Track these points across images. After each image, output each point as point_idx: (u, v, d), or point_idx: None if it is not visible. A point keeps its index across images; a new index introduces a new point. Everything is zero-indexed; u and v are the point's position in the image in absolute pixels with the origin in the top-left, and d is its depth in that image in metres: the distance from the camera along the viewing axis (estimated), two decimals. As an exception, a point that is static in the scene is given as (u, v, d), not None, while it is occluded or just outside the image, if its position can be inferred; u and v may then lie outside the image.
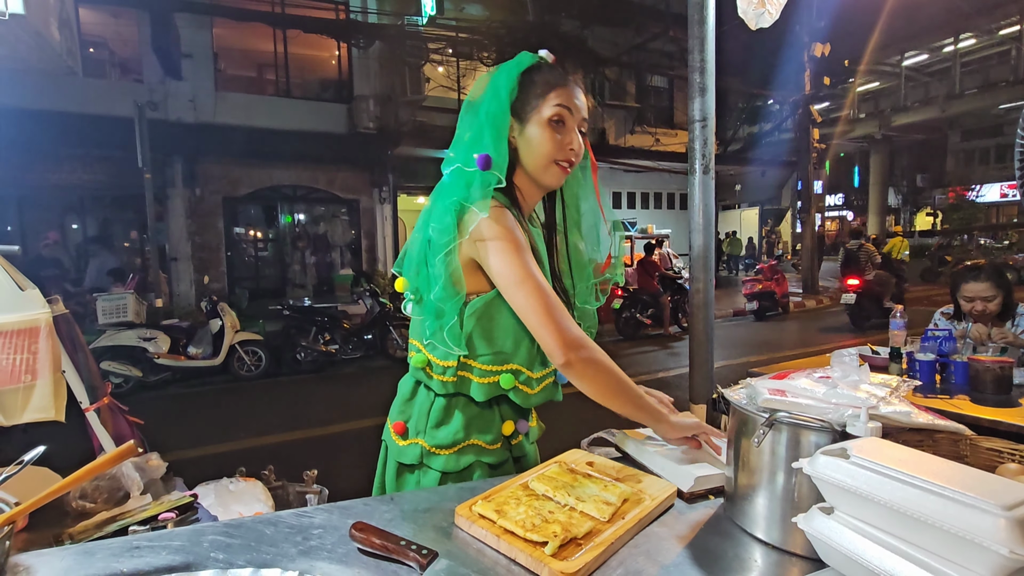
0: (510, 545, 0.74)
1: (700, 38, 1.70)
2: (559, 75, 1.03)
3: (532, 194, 1.09)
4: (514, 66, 1.04)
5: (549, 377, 1.08)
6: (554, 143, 1.01)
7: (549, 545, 0.72)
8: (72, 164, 9.06)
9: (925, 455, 0.57)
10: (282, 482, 1.84)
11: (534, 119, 1.01)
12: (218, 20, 9.84)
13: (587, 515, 0.81)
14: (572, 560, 0.70)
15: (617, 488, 0.89)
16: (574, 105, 1.02)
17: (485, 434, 1.05)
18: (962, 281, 2.34)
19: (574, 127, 1.02)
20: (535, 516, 0.79)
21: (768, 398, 0.82)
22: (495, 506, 0.81)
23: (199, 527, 0.80)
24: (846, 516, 0.57)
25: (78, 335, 1.49)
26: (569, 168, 1.03)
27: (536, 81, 1.02)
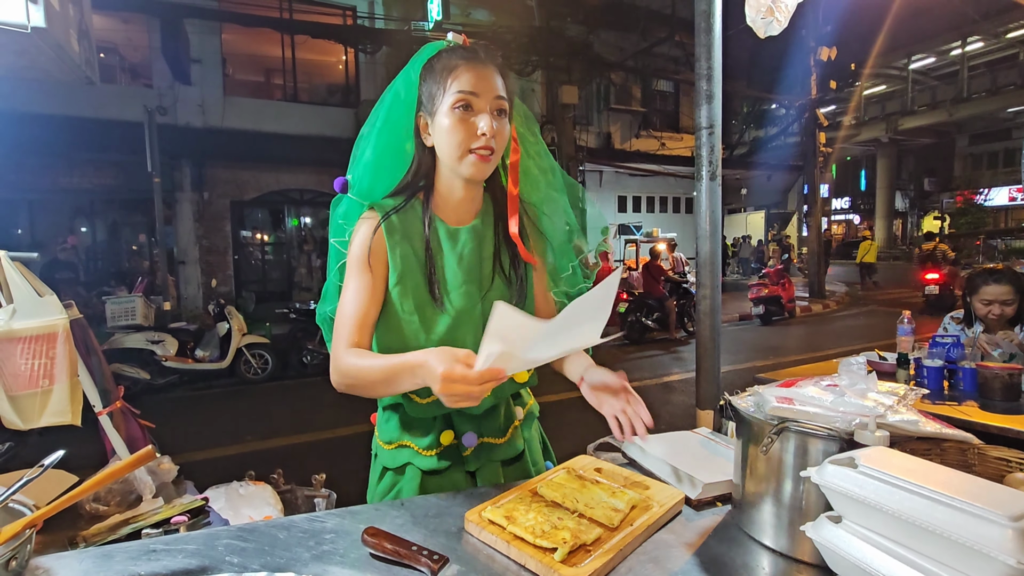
0: (520, 551, 0.74)
1: (707, 46, 1.70)
2: (462, 56, 0.94)
3: (457, 190, 1.01)
4: (416, 63, 1.00)
5: None
6: (460, 131, 0.93)
7: (558, 551, 0.73)
8: (83, 168, 9.16)
9: (933, 465, 0.58)
10: (291, 486, 1.85)
11: (439, 109, 0.94)
12: (227, 26, 9.93)
13: (596, 522, 0.82)
14: (582, 567, 0.71)
15: (625, 495, 0.90)
16: (481, 86, 0.92)
17: (420, 438, 1.03)
18: (982, 284, 2.32)
19: (485, 109, 0.93)
20: (544, 522, 0.80)
21: (776, 406, 0.83)
22: (505, 512, 0.82)
23: (213, 531, 0.81)
24: (854, 525, 0.58)
25: (92, 340, 1.51)
26: (489, 155, 0.94)
27: (435, 69, 0.96)
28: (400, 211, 0.99)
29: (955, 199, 25.81)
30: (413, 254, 0.98)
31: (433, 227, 1.01)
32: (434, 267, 0.99)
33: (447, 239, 1.01)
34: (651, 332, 8.29)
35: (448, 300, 0.99)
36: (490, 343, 0.73)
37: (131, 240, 10.91)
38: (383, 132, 1.03)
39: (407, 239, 0.99)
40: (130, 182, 9.04)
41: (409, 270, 0.98)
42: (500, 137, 0.95)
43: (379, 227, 0.97)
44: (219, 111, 9.79)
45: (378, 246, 0.96)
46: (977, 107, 21.67)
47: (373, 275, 0.95)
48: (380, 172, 1.05)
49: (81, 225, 10.52)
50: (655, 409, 1.08)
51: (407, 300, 0.98)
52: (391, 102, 1.02)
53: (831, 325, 9.60)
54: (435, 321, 0.98)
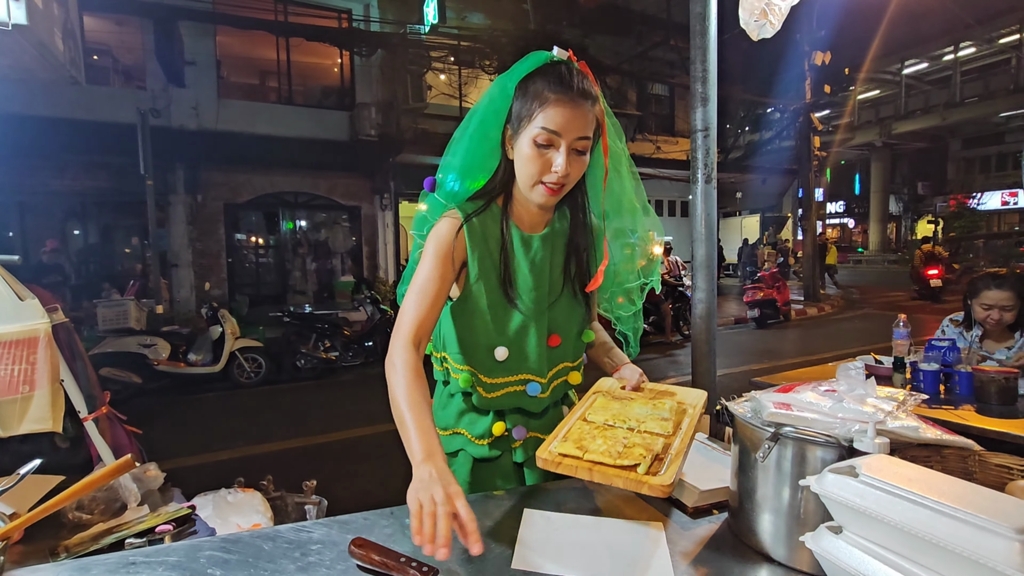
0: (604, 474, 0.81)
1: (702, 48, 1.70)
2: (554, 89, 0.94)
3: (528, 207, 1.07)
4: (515, 73, 1.00)
5: (510, 386, 1.08)
6: (536, 165, 0.97)
7: (641, 466, 0.80)
8: (75, 170, 9.09)
9: (935, 474, 0.56)
10: (281, 492, 1.82)
11: (523, 133, 0.97)
12: (221, 28, 9.90)
13: (654, 433, 0.90)
14: (663, 474, 0.80)
15: (664, 404, 1.00)
16: (566, 127, 0.94)
17: (474, 427, 1.10)
18: (984, 288, 2.30)
19: (563, 149, 0.95)
20: (616, 444, 0.86)
21: (773, 412, 0.81)
22: (575, 444, 0.88)
23: (196, 542, 0.79)
24: (855, 536, 0.56)
25: (77, 344, 1.48)
26: (558, 189, 0.98)
27: (530, 92, 0.96)
28: (480, 214, 1.04)
29: (948, 203, 25.98)
30: (489, 256, 1.04)
31: (509, 233, 1.06)
32: (508, 270, 1.05)
33: (521, 245, 1.07)
34: (647, 335, 8.28)
35: (520, 301, 1.05)
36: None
37: (124, 243, 10.83)
38: (474, 137, 1.04)
39: (485, 242, 1.04)
40: (123, 184, 8.98)
41: (485, 271, 1.04)
42: (574, 173, 0.98)
43: (461, 228, 1.01)
44: (213, 113, 9.74)
45: (459, 246, 1.01)
46: (970, 112, 21.85)
47: (447, 271, 0.99)
48: (466, 175, 1.09)
49: (73, 228, 10.44)
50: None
51: (482, 299, 1.04)
52: (484, 109, 1.03)
53: (826, 328, 9.62)
54: (507, 320, 1.06)
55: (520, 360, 1.07)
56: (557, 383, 1.13)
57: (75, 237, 10.44)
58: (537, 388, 1.08)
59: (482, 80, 11.67)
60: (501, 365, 1.06)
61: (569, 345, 1.13)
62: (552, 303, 1.09)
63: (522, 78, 0.99)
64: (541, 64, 0.99)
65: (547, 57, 0.99)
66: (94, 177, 9.23)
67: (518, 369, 1.07)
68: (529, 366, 1.08)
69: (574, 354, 1.15)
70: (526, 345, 1.07)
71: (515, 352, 1.07)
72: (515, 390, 1.08)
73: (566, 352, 1.13)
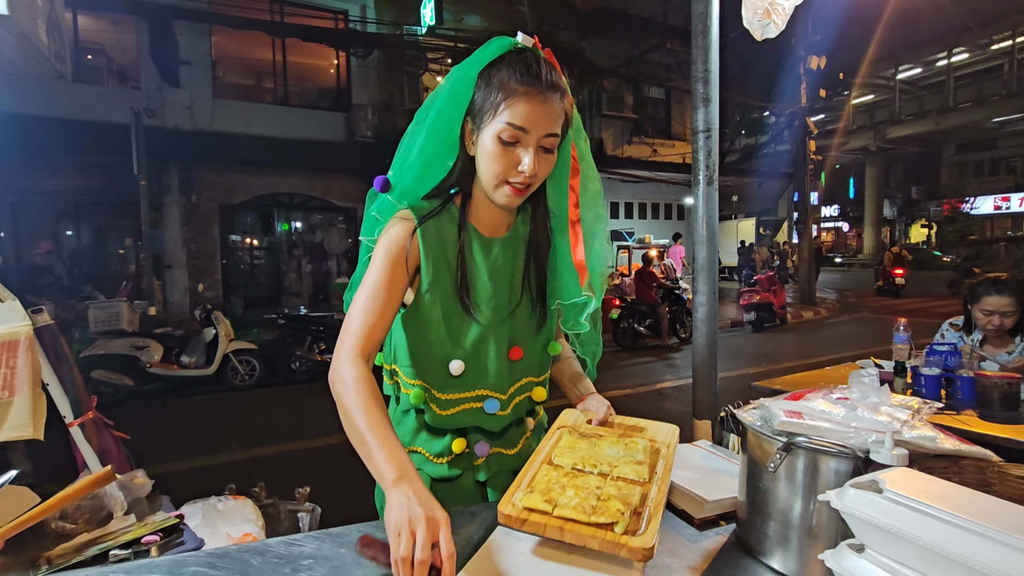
0: (577, 533, 0.72)
1: (704, 48, 1.67)
2: (519, 79, 0.86)
3: (490, 208, 0.99)
4: (476, 60, 0.90)
5: (466, 403, 0.99)
6: (501, 163, 0.88)
7: (619, 525, 0.72)
8: (67, 170, 9.00)
9: (964, 490, 0.53)
10: (273, 500, 1.78)
11: (487, 128, 0.88)
12: (217, 28, 9.84)
13: (629, 480, 0.83)
14: (644, 534, 0.71)
15: (636, 443, 0.91)
16: (533, 122, 0.86)
17: (432, 445, 1.01)
18: (984, 294, 2.27)
19: (532, 145, 0.87)
20: (590, 497, 0.77)
21: (784, 421, 0.78)
22: (542, 496, 0.78)
23: (180, 557, 0.75)
24: (879, 555, 0.53)
25: (63, 347, 1.44)
26: (524, 189, 0.91)
27: (494, 83, 0.87)
28: (436, 216, 0.96)
29: (942, 207, 26.16)
30: (445, 262, 0.96)
31: (468, 236, 0.97)
32: (466, 277, 0.96)
33: (480, 249, 0.98)
34: (643, 339, 8.26)
35: (478, 311, 0.96)
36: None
37: (117, 244, 10.74)
38: (431, 132, 0.94)
39: (441, 245, 0.95)
40: (116, 185, 8.91)
41: (440, 277, 0.95)
42: (541, 172, 0.91)
43: (415, 231, 0.93)
44: (208, 114, 9.68)
45: (413, 250, 0.92)
46: (963, 117, 22.01)
47: (399, 277, 0.91)
48: (425, 173, 0.98)
49: (66, 228, 10.35)
50: (649, 416, 1.05)
51: (436, 308, 0.95)
52: (444, 100, 0.92)
53: (822, 332, 9.63)
54: (463, 331, 0.97)
55: (477, 375, 0.98)
56: (519, 399, 1.04)
57: (68, 238, 10.35)
58: (496, 405, 0.99)
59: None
60: (456, 380, 0.97)
61: (533, 358, 1.04)
62: (512, 312, 1.00)
63: (485, 66, 0.89)
64: (505, 51, 0.90)
65: (511, 43, 0.90)
66: (87, 177, 9.16)
67: (475, 384, 0.98)
68: (487, 381, 0.99)
69: (539, 368, 1.06)
70: (484, 358, 0.98)
71: (472, 366, 0.97)
72: (472, 407, 0.99)
73: (530, 366, 1.04)
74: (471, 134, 0.92)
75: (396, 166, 1.00)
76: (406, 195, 0.98)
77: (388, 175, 1.00)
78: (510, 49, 0.90)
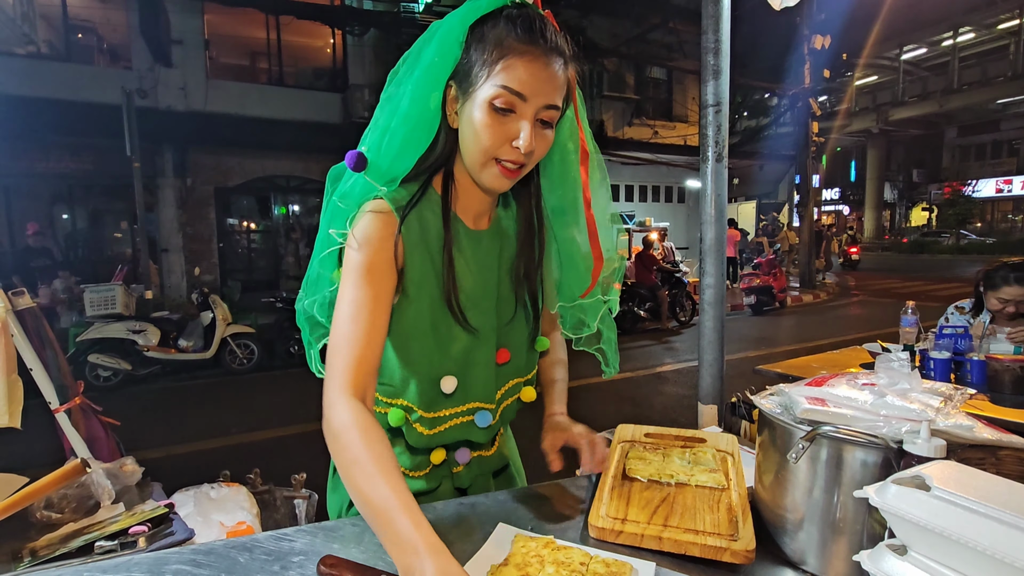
0: (677, 541, 0.73)
1: (715, 17, 1.59)
2: (519, 36, 0.72)
3: (474, 193, 0.84)
4: (469, 9, 0.75)
5: (457, 418, 0.87)
6: (492, 135, 0.73)
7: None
8: (59, 152, 8.87)
9: (1019, 486, 0.48)
10: (268, 486, 1.74)
11: (475, 96, 0.74)
12: (209, 6, 9.62)
13: (708, 487, 0.85)
14: (742, 538, 0.72)
15: (704, 453, 0.94)
16: (532, 87, 0.72)
17: (408, 459, 0.90)
18: (1003, 283, 2.22)
19: (529, 117, 0.73)
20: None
21: (808, 408, 0.73)
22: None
23: (163, 554, 0.70)
24: (924, 559, 0.48)
25: (47, 331, 1.38)
26: (517, 171, 0.77)
27: (485, 39, 0.73)
28: (415, 205, 0.80)
29: (943, 190, 26.03)
30: (429, 259, 0.81)
31: (454, 228, 0.83)
32: (454, 276, 0.81)
33: (467, 242, 0.84)
34: (643, 322, 8.23)
35: (468, 316, 0.82)
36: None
37: (112, 227, 10.63)
38: (417, 93, 0.76)
39: (423, 240, 0.80)
40: (110, 167, 8.78)
41: (425, 279, 0.81)
42: (538, 151, 0.77)
43: (399, 230, 0.77)
44: (202, 94, 9.51)
45: (394, 252, 0.77)
46: (967, 98, 21.80)
47: (385, 286, 0.76)
48: (406, 148, 0.78)
49: (61, 211, 10.23)
50: (649, 400, 1.01)
51: (422, 318, 0.81)
52: (432, 56, 0.75)
53: (822, 315, 9.60)
54: (451, 340, 0.83)
55: (468, 388, 0.86)
56: (507, 404, 0.93)
57: (62, 221, 10.24)
58: (487, 418, 0.88)
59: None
60: (446, 398, 0.85)
61: (520, 359, 0.92)
62: (499, 312, 0.87)
63: (476, 20, 0.75)
64: (501, 5, 0.75)
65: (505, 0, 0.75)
66: (80, 160, 9.02)
67: (465, 399, 0.86)
68: (478, 393, 0.87)
69: (526, 367, 0.94)
70: (475, 368, 0.85)
71: (463, 379, 0.85)
72: (462, 422, 0.88)
73: (517, 367, 0.92)
74: (454, 101, 0.77)
75: (372, 139, 0.79)
76: (385, 174, 0.79)
77: (361, 149, 0.79)
78: (507, 3, 0.75)
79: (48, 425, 1.61)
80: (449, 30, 0.75)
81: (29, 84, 7.96)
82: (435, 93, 0.76)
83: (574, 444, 0.92)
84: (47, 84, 8.16)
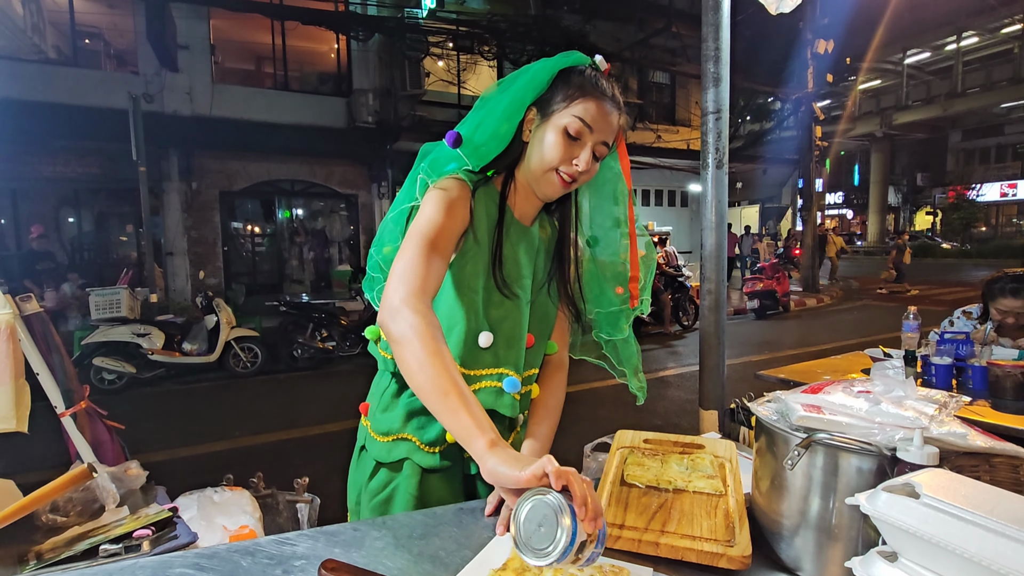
0: (674, 547, 0.73)
1: (715, 25, 1.61)
2: (595, 86, 0.95)
3: (527, 195, 1.02)
4: (561, 59, 0.98)
5: (487, 380, 0.96)
6: (560, 152, 0.94)
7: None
8: (66, 157, 8.93)
9: (1013, 495, 0.49)
10: (271, 490, 1.75)
11: (552, 120, 0.95)
12: (215, 11, 9.69)
13: (706, 494, 0.86)
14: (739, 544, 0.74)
15: (701, 459, 0.96)
16: (598, 124, 0.94)
17: (424, 432, 0.96)
18: (1000, 295, 2.20)
19: (589, 145, 0.94)
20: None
21: (803, 415, 0.74)
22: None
23: (167, 558, 0.72)
24: (914, 565, 0.49)
25: (53, 335, 1.40)
26: (570, 183, 0.96)
27: (570, 83, 0.95)
28: (482, 187, 0.99)
29: (947, 194, 25.94)
30: (486, 235, 0.98)
31: (506, 216, 1.00)
32: (502, 251, 0.98)
33: (514, 230, 1.01)
34: (645, 326, 8.23)
35: (510, 288, 0.98)
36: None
37: (117, 231, 10.69)
38: (513, 100, 0.97)
39: (485, 216, 0.98)
40: (116, 171, 8.84)
41: (479, 248, 0.97)
42: (587, 174, 0.96)
43: (473, 192, 0.96)
44: (208, 99, 9.57)
45: (468, 208, 0.95)
46: (971, 102, 21.72)
47: (457, 226, 0.92)
48: (493, 138, 0.99)
49: (67, 215, 10.30)
50: (651, 405, 1.03)
51: (477, 276, 0.96)
52: (526, 81, 0.97)
53: (825, 319, 9.57)
54: (491, 303, 0.97)
55: (502, 350, 0.97)
56: (527, 389, 1.04)
57: (69, 225, 10.30)
58: (515, 384, 0.96)
59: (481, 66, 11.49)
60: (481, 354, 0.96)
61: (539, 350, 1.06)
62: (533, 299, 1.03)
63: (565, 67, 0.97)
64: (582, 64, 0.98)
65: (589, 61, 0.99)
66: (86, 164, 9.09)
67: (497, 361, 0.97)
68: (510, 358, 0.98)
69: (539, 363, 1.08)
70: (510, 334, 0.98)
71: (497, 341, 0.97)
72: (491, 385, 0.96)
73: (536, 357, 1.05)
74: (531, 122, 0.97)
75: (467, 128, 1.00)
76: (474, 154, 0.99)
77: (460, 131, 1.00)
78: (588, 64, 0.99)
79: (54, 429, 1.63)
80: (543, 68, 0.97)
81: (37, 89, 8.03)
82: (519, 111, 0.97)
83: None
84: (54, 89, 8.24)
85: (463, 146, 0.99)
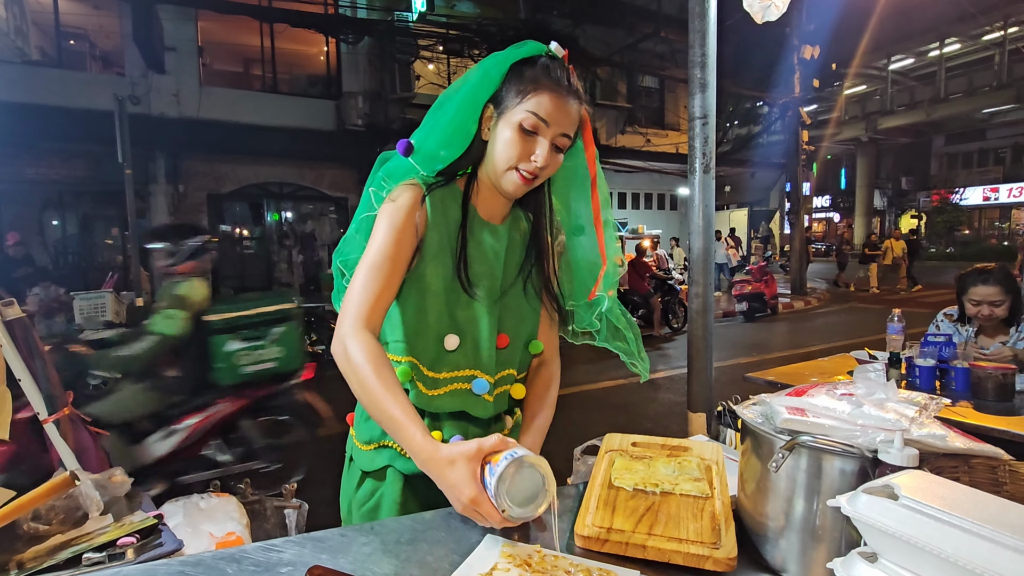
0: (661, 549, 0.74)
1: (701, 32, 1.62)
2: (548, 77, 0.92)
3: (493, 193, 1.01)
4: (513, 52, 0.95)
5: (455, 383, 0.97)
6: (517, 149, 0.92)
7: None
8: (50, 159, 8.82)
9: (985, 495, 0.50)
10: (259, 496, 1.74)
11: (507, 117, 0.93)
12: (203, 13, 9.63)
13: (692, 496, 0.86)
14: (724, 546, 0.74)
15: (688, 462, 0.96)
16: (554, 117, 0.91)
17: None
18: (970, 284, 2.26)
19: (547, 140, 0.92)
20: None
21: (787, 418, 0.75)
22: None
23: (151, 566, 0.71)
24: (893, 565, 0.49)
25: (36, 341, 1.38)
26: (531, 180, 0.94)
27: (523, 76, 0.93)
28: (441, 188, 0.98)
29: (931, 198, 26.33)
30: (447, 235, 0.98)
31: (470, 214, 1.00)
32: (466, 253, 0.98)
33: (479, 230, 1.01)
34: (636, 329, 8.26)
35: (475, 288, 0.98)
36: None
37: (103, 234, 10.56)
38: (462, 107, 0.96)
39: (444, 219, 0.97)
40: (101, 174, 8.73)
41: (441, 250, 0.97)
42: (549, 168, 0.95)
43: (424, 198, 0.96)
44: (195, 101, 9.50)
45: (421, 217, 0.95)
46: (954, 107, 22.08)
47: (407, 244, 0.93)
48: (448, 144, 0.98)
49: (51, 218, 10.15)
50: (641, 407, 1.03)
51: (437, 279, 0.96)
52: (478, 79, 0.96)
53: (813, 322, 9.67)
54: (458, 304, 0.98)
55: (469, 352, 0.98)
56: (502, 390, 1.03)
57: (52, 227, 10.15)
58: (484, 386, 0.97)
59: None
60: (448, 357, 0.97)
61: (516, 351, 1.04)
62: (502, 298, 1.01)
63: (518, 60, 0.95)
64: (538, 54, 0.96)
65: (544, 50, 0.96)
66: (71, 166, 8.98)
67: (466, 363, 0.97)
68: (478, 360, 0.98)
69: (520, 364, 1.06)
70: (477, 336, 0.98)
71: (464, 343, 0.97)
72: (460, 387, 0.97)
73: (512, 358, 1.04)
74: (489, 120, 0.96)
75: (420, 134, 1.00)
76: (427, 161, 0.99)
77: (411, 140, 1.01)
78: (543, 53, 0.96)
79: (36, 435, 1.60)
80: (495, 64, 0.95)
81: (21, 90, 7.93)
82: (476, 110, 0.96)
83: None
84: (39, 90, 8.14)
85: (415, 154, 0.99)
